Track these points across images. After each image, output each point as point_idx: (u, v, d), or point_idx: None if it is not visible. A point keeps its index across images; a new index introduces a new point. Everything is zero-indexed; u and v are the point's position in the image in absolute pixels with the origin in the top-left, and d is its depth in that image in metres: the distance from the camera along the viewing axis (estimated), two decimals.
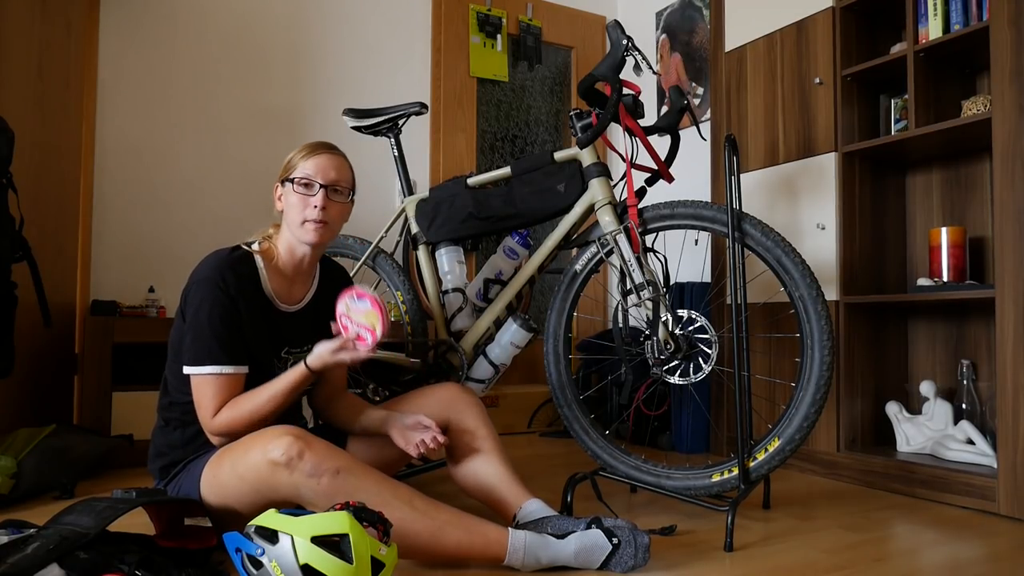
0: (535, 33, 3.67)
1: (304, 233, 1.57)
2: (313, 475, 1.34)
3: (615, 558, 1.42)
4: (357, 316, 1.46)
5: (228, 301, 1.50)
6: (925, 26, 2.15)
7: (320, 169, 1.57)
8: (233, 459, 1.42)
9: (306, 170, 1.56)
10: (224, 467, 1.44)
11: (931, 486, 2.05)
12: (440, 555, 1.41)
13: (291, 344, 1.64)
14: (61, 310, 2.45)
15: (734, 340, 1.79)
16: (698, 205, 1.82)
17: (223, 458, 1.46)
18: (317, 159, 1.57)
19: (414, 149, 3.34)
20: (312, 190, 1.56)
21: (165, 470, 1.58)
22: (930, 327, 2.42)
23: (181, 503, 1.47)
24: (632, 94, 1.89)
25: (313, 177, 1.56)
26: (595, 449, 1.92)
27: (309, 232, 1.57)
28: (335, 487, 1.35)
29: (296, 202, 1.56)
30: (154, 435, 1.62)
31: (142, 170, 2.81)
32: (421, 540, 1.38)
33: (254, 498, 1.40)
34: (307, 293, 1.68)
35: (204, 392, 1.49)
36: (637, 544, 1.42)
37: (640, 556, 1.42)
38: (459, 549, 1.40)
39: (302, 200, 1.55)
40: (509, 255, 2.06)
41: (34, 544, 1.18)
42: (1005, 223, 1.90)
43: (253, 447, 1.39)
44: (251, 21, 3.03)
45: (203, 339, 1.48)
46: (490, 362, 2.00)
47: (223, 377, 1.49)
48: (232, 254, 1.56)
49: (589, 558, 1.42)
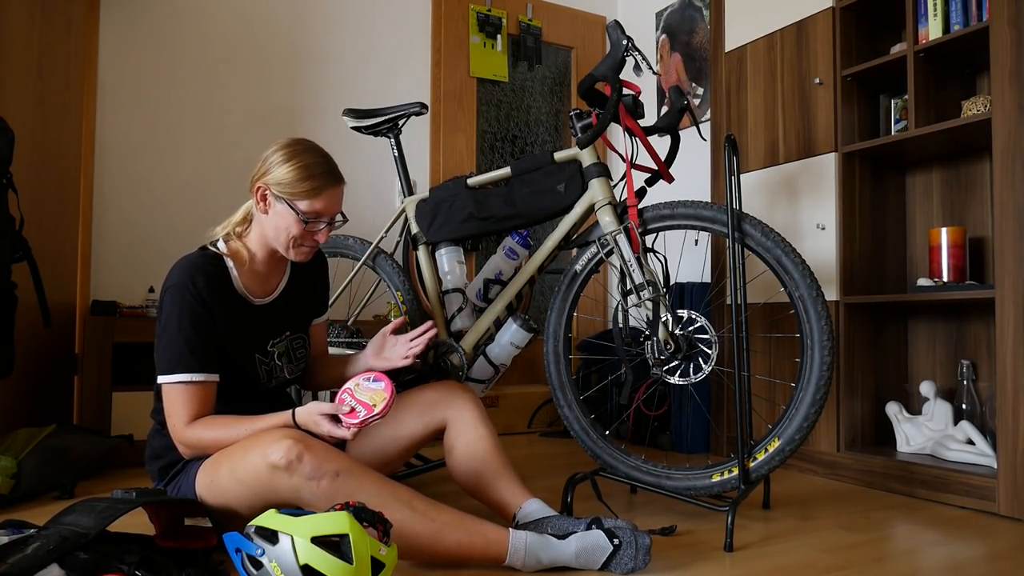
0: (535, 33, 3.67)
1: (295, 253, 1.58)
2: (313, 477, 1.34)
3: (616, 559, 1.42)
4: (362, 393, 1.44)
5: (200, 306, 1.49)
6: (925, 26, 2.15)
7: (332, 205, 1.56)
8: (232, 463, 1.42)
9: (317, 206, 1.54)
10: (222, 471, 1.44)
11: (931, 486, 2.05)
12: (441, 556, 1.41)
13: (271, 336, 1.65)
14: (61, 310, 2.45)
15: (734, 340, 1.79)
16: (698, 205, 1.82)
17: (220, 462, 1.45)
18: (331, 195, 1.55)
19: (414, 149, 3.34)
20: (318, 225, 1.56)
21: (164, 471, 1.59)
22: (930, 327, 2.42)
23: (181, 503, 1.47)
24: (632, 94, 1.89)
25: (324, 214, 1.56)
26: (595, 449, 1.92)
27: (302, 254, 1.59)
28: (335, 489, 1.35)
29: (295, 228, 1.54)
30: (150, 438, 1.62)
31: (142, 170, 2.81)
32: (421, 541, 1.38)
33: (253, 500, 1.40)
34: (281, 281, 1.69)
35: (174, 400, 1.48)
36: (638, 545, 1.42)
37: (641, 558, 1.42)
38: (459, 550, 1.40)
39: (303, 229, 1.54)
40: (509, 255, 2.06)
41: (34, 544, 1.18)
42: (1005, 223, 1.90)
43: (252, 450, 1.38)
44: (251, 21, 3.04)
45: (174, 346, 1.47)
46: (490, 362, 2.00)
47: (193, 386, 1.47)
48: (201, 256, 1.55)
49: (590, 559, 1.42)
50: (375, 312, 2.94)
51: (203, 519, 1.52)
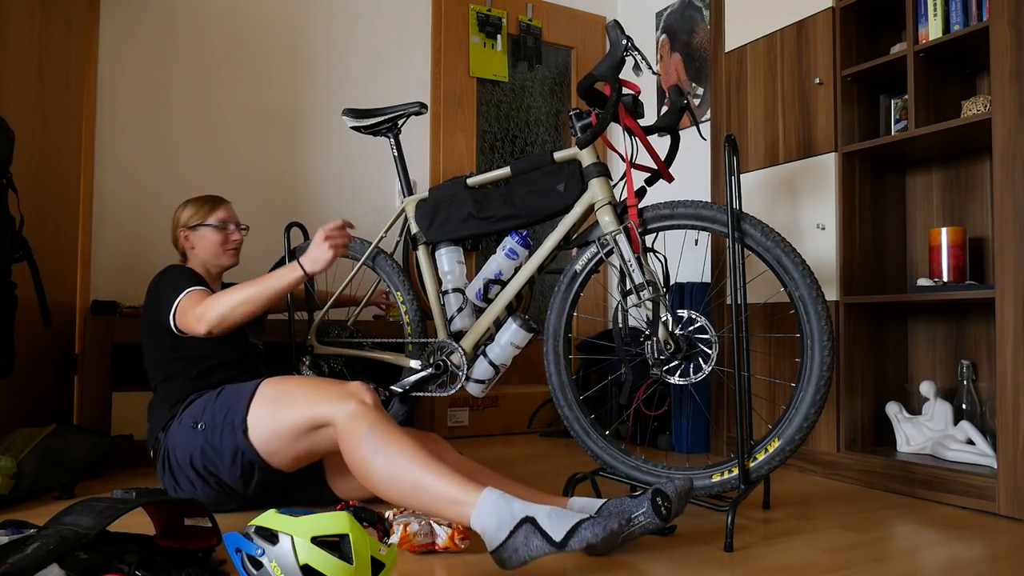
0: (535, 33, 3.67)
1: (229, 256, 2.10)
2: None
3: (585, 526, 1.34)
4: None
5: (193, 272, 1.97)
6: (925, 26, 2.15)
7: (230, 214, 2.12)
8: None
9: (221, 215, 2.09)
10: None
11: (931, 486, 2.05)
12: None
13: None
14: (61, 310, 2.45)
15: (734, 340, 1.79)
16: (698, 205, 1.82)
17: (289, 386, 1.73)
18: (225, 208, 2.11)
19: (414, 149, 3.34)
20: (230, 227, 2.10)
21: (174, 407, 1.85)
22: (930, 327, 2.42)
23: (181, 503, 1.47)
24: (632, 94, 1.89)
25: (228, 220, 2.11)
26: (595, 449, 1.92)
27: (232, 255, 2.11)
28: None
29: (218, 236, 2.08)
30: (152, 407, 1.93)
31: (142, 170, 2.81)
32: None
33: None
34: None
35: (190, 305, 1.84)
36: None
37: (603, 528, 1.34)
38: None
39: (223, 234, 2.08)
40: (509, 255, 2.06)
41: (34, 544, 1.18)
42: (1005, 223, 1.90)
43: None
44: (251, 21, 3.04)
45: (177, 284, 1.89)
46: (490, 362, 2.00)
47: (200, 291, 1.88)
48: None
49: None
50: (375, 312, 2.94)
51: (203, 519, 1.52)
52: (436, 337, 2.09)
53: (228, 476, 1.74)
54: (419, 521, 1.53)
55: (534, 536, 1.33)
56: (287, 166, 3.07)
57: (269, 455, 1.70)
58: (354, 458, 1.54)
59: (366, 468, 1.52)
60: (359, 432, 1.54)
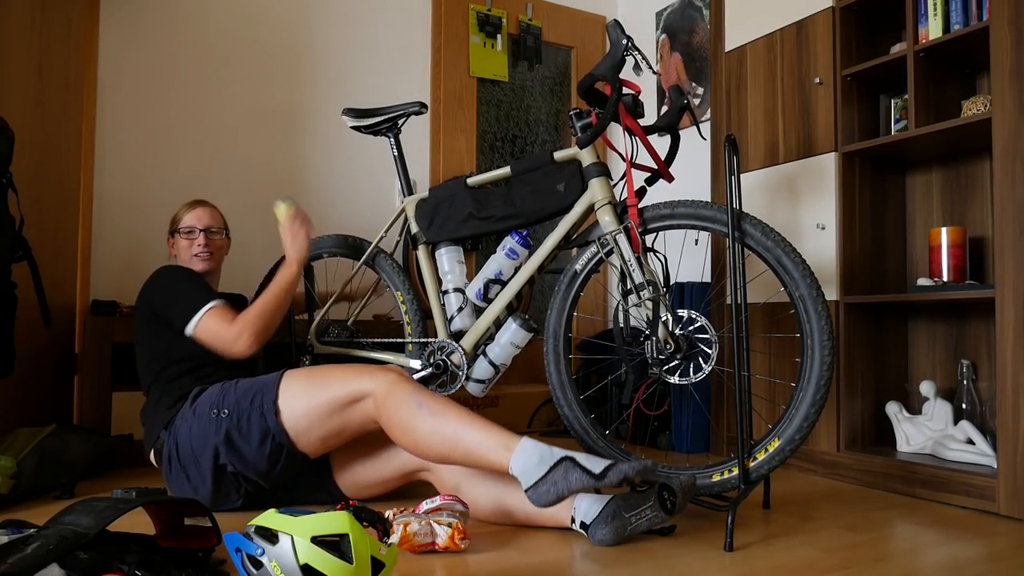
0: (535, 33, 3.67)
1: (196, 262, 2.08)
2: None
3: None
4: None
5: (188, 271, 2.01)
6: (925, 26, 2.15)
7: (197, 219, 2.11)
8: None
9: (188, 222, 2.11)
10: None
11: (931, 486, 2.05)
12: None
13: None
14: (61, 310, 2.45)
15: (734, 340, 1.79)
16: (698, 205, 1.82)
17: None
18: (195, 213, 2.12)
19: (414, 149, 3.34)
20: (194, 234, 2.09)
21: (175, 405, 1.85)
22: (930, 327, 2.42)
23: (181, 503, 1.47)
24: (632, 94, 1.89)
25: (195, 224, 2.10)
26: (595, 449, 1.92)
27: (200, 260, 2.09)
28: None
29: (183, 241, 2.10)
30: (148, 410, 1.93)
31: (142, 170, 2.81)
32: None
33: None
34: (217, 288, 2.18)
35: (213, 324, 1.88)
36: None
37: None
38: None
39: (187, 240, 2.09)
40: (509, 255, 2.06)
41: (34, 544, 1.18)
42: (1005, 223, 1.90)
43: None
44: (251, 21, 3.03)
45: (188, 295, 1.92)
46: (490, 362, 2.00)
47: (220, 307, 1.91)
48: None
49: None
50: (375, 312, 2.94)
51: (203, 519, 1.52)
52: (436, 337, 2.09)
53: (254, 459, 1.74)
54: (419, 521, 1.53)
55: (574, 470, 1.46)
56: (287, 166, 3.07)
57: (298, 435, 1.73)
58: (395, 419, 1.62)
59: (410, 423, 1.60)
60: (403, 393, 1.63)
